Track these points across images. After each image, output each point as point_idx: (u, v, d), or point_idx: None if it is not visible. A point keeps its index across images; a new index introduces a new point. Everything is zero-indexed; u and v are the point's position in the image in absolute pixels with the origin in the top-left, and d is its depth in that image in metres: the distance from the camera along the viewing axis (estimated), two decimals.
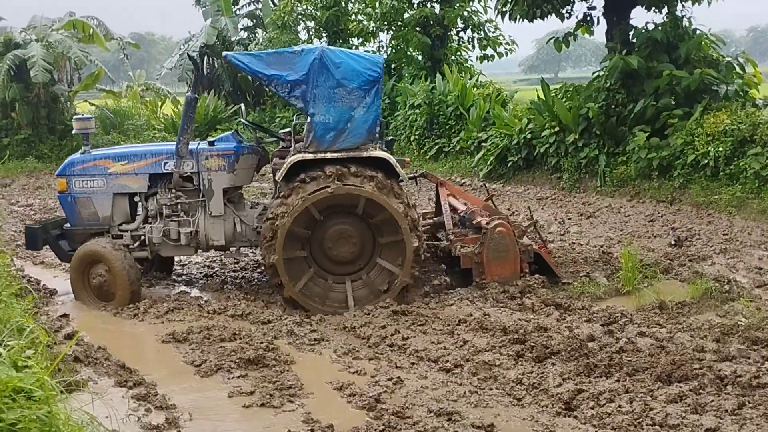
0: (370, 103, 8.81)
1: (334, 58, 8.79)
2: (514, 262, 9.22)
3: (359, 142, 8.85)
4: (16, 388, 3.82)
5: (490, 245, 9.14)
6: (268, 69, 8.86)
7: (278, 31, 28.93)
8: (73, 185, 9.59)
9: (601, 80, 15.91)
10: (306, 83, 8.75)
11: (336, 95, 8.77)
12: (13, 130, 25.58)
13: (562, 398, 6.00)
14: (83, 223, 9.59)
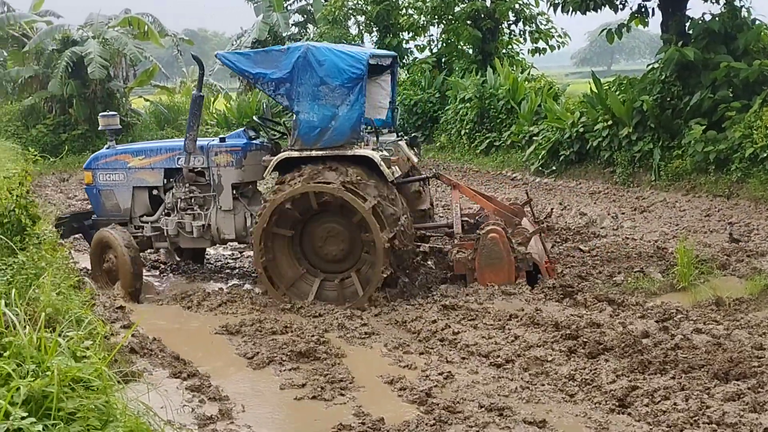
0: (353, 100, 8.77)
1: (319, 56, 8.81)
2: (507, 270, 8.88)
3: (343, 140, 8.84)
4: (75, 378, 3.91)
5: (482, 252, 8.90)
6: (254, 67, 9.01)
7: (329, 26, 29.04)
8: (97, 178, 10.17)
9: (656, 72, 15.62)
10: (290, 81, 8.83)
11: (320, 93, 8.80)
12: (71, 125, 26.18)
13: (615, 395, 5.92)
14: (107, 213, 10.11)
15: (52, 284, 6.25)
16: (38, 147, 18.97)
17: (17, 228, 7.56)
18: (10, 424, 3.45)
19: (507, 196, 15.84)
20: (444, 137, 23.40)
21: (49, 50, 27.27)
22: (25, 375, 3.81)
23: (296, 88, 8.84)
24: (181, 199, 9.78)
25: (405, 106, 25.46)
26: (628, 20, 16.79)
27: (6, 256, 7.19)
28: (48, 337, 4.13)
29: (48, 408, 3.70)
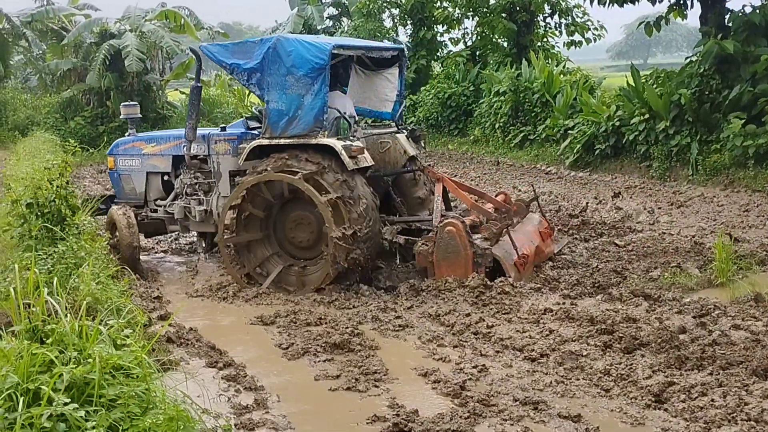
0: (317, 90, 8.95)
1: (287, 47, 9.04)
2: (464, 265, 8.75)
3: (308, 129, 9.04)
4: (116, 366, 3.98)
5: (440, 245, 8.83)
6: (230, 58, 9.38)
7: (363, 19, 29.06)
8: (118, 163, 10.94)
9: (695, 66, 15.41)
10: (261, 71, 9.16)
11: (287, 83, 9.06)
12: (108, 118, 26.52)
13: (651, 390, 5.87)
14: (126, 196, 10.86)
15: (92, 274, 6.35)
16: (76, 139, 19.19)
17: (57, 218, 7.70)
18: (53, 410, 3.52)
19: (541, 190, 15.77)
20: (478, 130, 23.32)
21: (87, 43, 27.64)
22: (67, 362, 3.88)
23: (266, 77, 9.15)
24: (187, 185, 10.19)
25: (439, 100, 25.41)
26: (667, 12, 16.60)
27: (46, 246, 7.33)
28: (89, 325, 4.20)
29: (90, 394, 3.76)
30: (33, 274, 4.82)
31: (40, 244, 7.44)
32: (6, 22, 28.91)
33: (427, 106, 25.94)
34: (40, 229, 7.57)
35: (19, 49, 30.79)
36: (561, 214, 12.95)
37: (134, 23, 27.36)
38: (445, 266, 8.83)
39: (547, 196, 14.96)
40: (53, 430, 3.51)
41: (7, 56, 29.58)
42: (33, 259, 5.84)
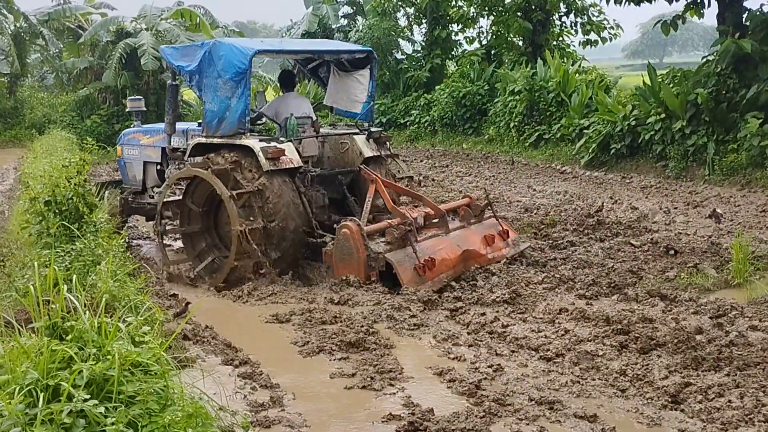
0: (240, 93, 9.38)
1: (219, 51, 9.53)
2: (357, 266, 8.81)
3: (233, 130, 9.49)
4: (135, 362, 4.00)
5: (337, 246, 8.96)
6: (178, 60, 9.96)
7: (378, 18, 29.05)
8: (123, 152, 11.86)
9: (712, 65, 15.35)
10: (199, 73, 9.67)
11: (218, 85, 9.53)
12: (124, 116, 26.61)
13: (668, 391, 5.85)
14: (130, 183, 11.85)
15: (110, 271, 6.39)
16: (92, 137, 19.30)
17: (75, 215, 7.75)
18: (73, 406, 3.54)
19: (556, 189, 15.73)
20: (493, 130, 23.28)
21: (104, 42, 27.78)
22: (86, 359, 3.91)
23: (203, 80, 9.68)
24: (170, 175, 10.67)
25: (453, 99, 25.37)
26: (684, 11, 16.54)
27: (64, 243, 7.38)
28: (108, 322, 4.23)
29: (109, 391, 3.79)
30: (52, 271, 4.86)
31: (58, 241, 7.50)
32: (23, 20, 29.11)
33: (442, 105, 25.91)
34: (58, 226, 7.62)
35: (36, 47, 30.98)
36: (576, 214, 12.90)
37: (150, 22, 27.49)
38: (342, 266, 8.95)
39: (562, 196, 14.92)
40: (73, 426, 3.53)
41: (25, 55, 29.77)
42: (52, 257, 5.89)
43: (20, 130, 28.34)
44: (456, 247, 9.35)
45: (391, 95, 29.80)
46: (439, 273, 9.00)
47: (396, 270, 8.75)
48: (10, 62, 29.11)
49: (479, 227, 9.95)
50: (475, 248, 9.51)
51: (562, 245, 10.82)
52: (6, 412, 3.52)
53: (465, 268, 9.30)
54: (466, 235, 9.67)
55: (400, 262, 8.83)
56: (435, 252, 9.07)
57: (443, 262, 9.09)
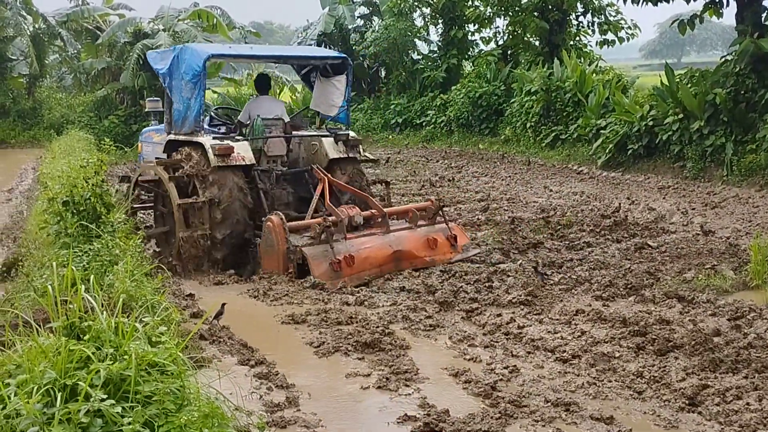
0: (197, 94, 10.12)
1: (184, 54, 10.27)
2: (278, 259, 9.27)
3: (191, 128, 10.21)
4: (151, 362, 4.02)
5: (262, 239, 9.42)
6: (157, 64, 10.73)
7: (394, 18, 29.05)
8: (142, 149, 12.75)
9: (730, 65, 15.25)
10: (170, 76, 10.45)
11: (181, 86, 10.27)
12: (142, 116, 26.77)
13: (685, 393, 5.81)
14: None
15: (127, 271, 6.43)
16: (110, 137, 19.44)
17: (93, 216, 7.79)
18: (90, 406, 3.56)
19: (573, 190, 15.68)
20: (509, 130, 23.23)
21: (121, 43, 27.96)
22: (104, 358, 3.93)
23: (172, 81, 10.45)
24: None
25: (470, 99, 25.34)
26: (702, 11, 16.43)
27: (82, 243, 7.42)
28: (125, 322, 4.25)
29: (126, 391, 3.81)
30: (70, 271, 4.88)
31: (76, 241, 7.54)
32: (42, 21, 29.36)
33: (458, 106, 25.88)
34: (76, 226, 7.67)
35: (54, 48, 31.25)
36: (593, 215, 12.86)
37: (167, 23, 27.63)
38: (266, 259, 9.46)
39: (578, 197, 14.87)
40: (90, 426, 3.55)
41: (43, 55, 30.03)
42: (70, 257, 5.92)
43: (39, 130, 28.57)
44: (387, 247, 9.67)
45: (407, 95, 29.81)
46: (360, 270, 9.37)
47: (309, 263, 9.17)
48: (29, 63, 29.37)
49: (426, 230, 10.14)
50: (410, 250, 9.80)
51: (578, 246, 10.79)
52: (24, 412, 3.54)
53: (396, 267, 9.61)
54: (405, 237, 9.94)
55: (316, 256, 9.23)
56: (359, 250, 9.46)
57: (366, 260, 9.45)
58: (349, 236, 9.58)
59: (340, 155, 10.75)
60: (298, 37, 34.90)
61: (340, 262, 9.21)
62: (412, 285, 9.06)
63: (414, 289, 8.92)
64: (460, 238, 10.33)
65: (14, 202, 16.02)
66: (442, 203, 10.59)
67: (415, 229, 10.08)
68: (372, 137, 28.90)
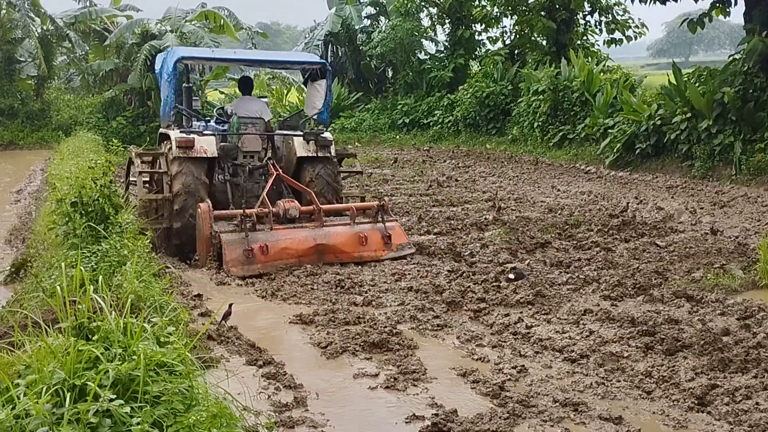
0: (169, 92, 11.30)
1: (168, 56, 11.51)
2: (201, 243, 9.98)
3: (166, 122, 11.53)
4: (160, 363, 4.02)
5: (197, 224, 10.13)
6: (157, 66, 12.05)
7: (401, 18, 29.06)
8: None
9: (738, 63, 15.20)
10: (160, 75, 11.71)
11: (163, 84, 11.60)
12: (149, 117, 26.88)
13: (694, 393, 5.79)
14: None
15: (135, 272, 6.44)
16: (118, 138, 19.51)
17: (101, 217, 7.81)
18: (99, 406, 3.57)
19: (580, 189, 15.65)
20: (516, 130, 23.21)
21: (129, 44, 28.03)
22: (112, 359, 3.94)
23: (160, 81, 11.79)
24: None
25: (477, 99, 25.33)
26: (710, 9, 16.38)
27: (90, 244, 7.44)
28: (134, 322, 4.26)
29: (134, 391, 3.81)
30: (78, 271, 4.90)
31: (85, 242, 7.56)
32: (50, 23, 29.44)
33: (465, 105, 25.88)
34: (85, 227, 7.69)
35: (62, 49, 31.33)
36: (601, 214, 12.83)
37: (175, 24, 27.69)
38: (198, 243, 10.15)
39: (586, 196, 14.84)
40: (99, 426, 3.56)
41: (51, 57, 30.11)
42: (78, 257, 5.93)
43: (47, 131, 28.66)
44: (310, 240, 10.18)
45: (415, 95, 29.82)
46: (275, 259, 9.92)
47: (223, 249, 9.77)
48: (38, 65, 29.46)
49: (361, 227, 10.53)
50: (336, 244, 10.27)
51: (586, 246, 10.77)
52: (33, 412, 3.55)
53: (319, 259, 10.08)
54: (333, 232, 10.41)
55: (230, 242, 9.83)
56: (278, 241, 10.02)
57: (284, 250, 9.99)
58: (277, 227, 10.17)
59: (309, 154, 11.31)
60: (305, 37, 34.95)
61: (252, 250, 9.76)
62: (420, 285, 9.06)
63: (422, 289, 8.91)
64: (396, 238, 10.63)
65: (23, 204, 16.07)
66: (385, 204, 10.84)
67: (352, 226, 10.50)
68: (379, 137, 28.92)
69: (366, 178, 18.90)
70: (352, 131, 29.80)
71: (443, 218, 13.14)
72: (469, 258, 10.39)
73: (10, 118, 28.86)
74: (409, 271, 9.79)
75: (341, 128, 30.09)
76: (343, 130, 30.00)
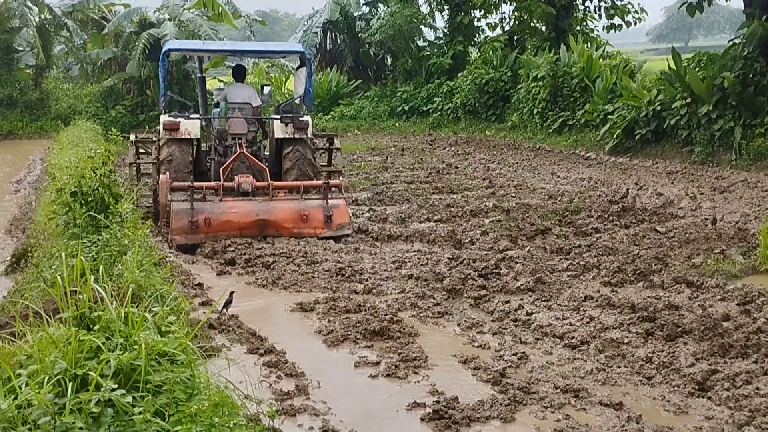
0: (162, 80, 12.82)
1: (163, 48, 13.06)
2: (160, 211, 11.06)
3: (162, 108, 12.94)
4: (161, 352, 4.03)
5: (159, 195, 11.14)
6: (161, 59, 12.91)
7: (400, 5, 28.95)
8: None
9: (738, 48, 15.16)
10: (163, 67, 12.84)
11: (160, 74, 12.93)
12: (148, 106, 26.83)
13: (695, 378, 5.81)
14: None
15: (136, 261, 6.44)
16: (117, 127, 19.49)
17: (101, 206, 7.80)
18: (101, 395, 3.58)
19: (580, 176, 15.64)
20: (516, 116, 23.17)
21: (127, 33, 27.94)
22: (114, 348, 3.95)
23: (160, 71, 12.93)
24: None
25: (476, 86, 25.28)
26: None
27: (91, 234, 7.44)
28: (135, 312, 4.27)
29: (136, 380, 3.82)
30: (79, 261, 4.90)
31: (85, 232, 7.56)
32: (48, 12, 29.32)
33: (465, 92, 25.82)
34: (85, 217, 7.68)
35: (60, 39, 31.21)
36: (601, 201, 12.83)
37: (173, 12, 27.59)
38: (159, 212, 11.11)
39: (586, 183, 14.83)
40: (101, 415, 3.57)
41: (50, 46, 30.01)
42: (79, 247, 5.94)
43: (46, 121, 28.60)
44: (253, 215, 10.78)
45: (414, 83, 29.75)
46: (218, 231, 10.60)
47: (171, 218, 10.51)
48: (36, 54, 29.36)
49: (305, 205, 11.06)
50: (277, 220, 10.85)
51: (586, 232, 10.77)
52: (36, 402, 3.56)
53: (261, 233, 10.74)
54: (277, 208, 10.97)
55: (178, 212, 10.54)
56: (222, 214, 10.71)
57: (227, 223, 10.67)
58: (227, 199, 10.90)
59: (286, 135, 12.16)
60: (304, 24, 34.82)
61: (197, 221, 10.47)
62: (420, 273, 9.07)
63: (422, 276, 8.92)
64: (337, 217, 11.07)
65: (23, 193, 16.06)
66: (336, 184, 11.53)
67: (298, 201, 11.08)
68: (378, 125, 28.87)
69: (365, 165, 18.88)
70: (352, 119, 29.74)
71: (443, 205, 13.14)
72: (469, 245, 10.39)
73: (9, 108, 28.79)
74: (409, 258, 9.79)
75: (341, 116, 30.04)
76: (343, 117, 29.95)
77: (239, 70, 13.73)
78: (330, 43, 34.45)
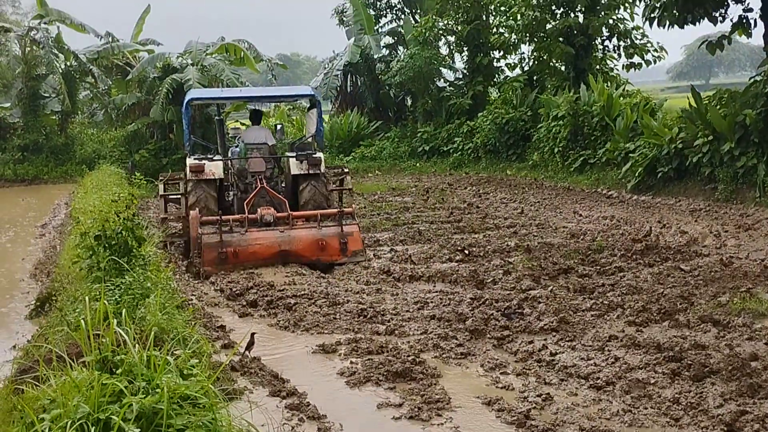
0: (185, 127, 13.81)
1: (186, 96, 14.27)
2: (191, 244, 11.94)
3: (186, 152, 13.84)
4: (183, 395, 4.03)
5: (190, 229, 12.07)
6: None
7: (419, 47, 29.21)
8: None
9: (760, 85, 15.12)
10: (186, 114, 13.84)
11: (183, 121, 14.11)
12: (172, 150, 27.13)
13: (723, 420, 5.70)
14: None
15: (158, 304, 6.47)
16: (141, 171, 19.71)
17: (124, 249, 7.87)
18: None
19: (602, 214, 15.56)
20: (536, 155, 23.18)
21: (151, 78, 28.37)
22: (136, 392, 3.95)
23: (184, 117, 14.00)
24: None
25: (496, 125, 25.36)
26: (730, 31, 16.33)
27: (114, 277, 7.49)
28: (157, 355, 4.27)
29: (158, 424, 3.82)
30: (102, 305, 4.93)
31: (108, 275, 7.62)
32: (73, 59, 29.89)
33: (485, 132, 25.90)
34: (108, 260, 7.75)
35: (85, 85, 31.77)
36: (624, 239, 12.74)
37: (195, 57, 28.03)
38: (191, 245, 11.84)
39: (608, 221, 14.75)
40: None
41: (75, 92, 30.53)
42: (102, 291, 5.97)
43: (71, 165, 28.99)
44: (275, 246, 11.79)
45: (434, 123, 29.91)
46: (244, 261, 11.59)
47: (202, 250, 11.48)
48: (61, 100, 29.87)
49: (323, 233, 12.03)
50: (297, 250, 11.86)
51: (610, 271, 10.69)
52: None
53: (283, 261, 11.70)
54: (296, 238, 11.94)
55: (209, 245, 11.55)
56: (249, 245, 11.72)
57: (253, 254, 11.68)
58: (251, 230, 11.84)
59: (301, 172, 13.30)
60: (325, 67, 35.21)
61: (226, 253, 11.49)
62: (443, 313, 9.02)
63: (444, 317, 8.87)
64: (352, 245, 12.07)
65: (48, 238, 16.23)
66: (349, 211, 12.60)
67: (316, 230, 12.06)
68: (399, 165, 28.99)
69: (386, 205, 18.93)
70: (372, 159, 29.91)
71: (465, 245, 13.11)
72: (492, 285, 10.34)
73: (35, 153, 29.25)
74: (431, 298, 9.75)
75: (362, 157, 30.21)
76: (364, 158, 30.12)
77: (256, 114, 15.19)
78: (350, 86, 34.78)
